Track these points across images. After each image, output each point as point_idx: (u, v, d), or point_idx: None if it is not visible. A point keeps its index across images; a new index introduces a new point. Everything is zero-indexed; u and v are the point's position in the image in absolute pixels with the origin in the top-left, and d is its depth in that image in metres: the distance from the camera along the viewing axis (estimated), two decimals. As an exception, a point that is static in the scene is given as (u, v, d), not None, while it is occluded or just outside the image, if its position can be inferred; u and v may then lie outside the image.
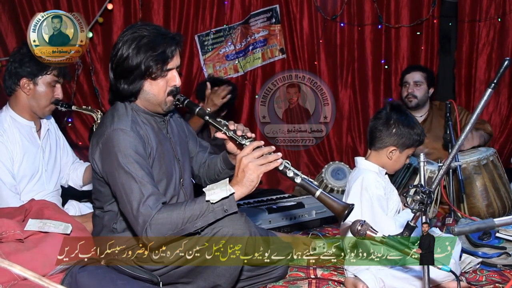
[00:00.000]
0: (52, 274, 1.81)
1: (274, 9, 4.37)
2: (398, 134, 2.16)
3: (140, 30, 1.87)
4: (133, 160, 1.78)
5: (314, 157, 4.48)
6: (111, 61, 1.91)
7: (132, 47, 1.84)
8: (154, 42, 1.85)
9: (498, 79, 1.49)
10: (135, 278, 1.80)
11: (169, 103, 1.95)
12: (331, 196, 1.79)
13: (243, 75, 4.36)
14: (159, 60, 1.85)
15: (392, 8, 4.33)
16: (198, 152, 2.24)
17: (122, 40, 1.87)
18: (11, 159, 2.37)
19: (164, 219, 1.73)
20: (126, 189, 1.77)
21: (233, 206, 1.78)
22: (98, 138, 1.87)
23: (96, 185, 1.98)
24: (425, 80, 3.63)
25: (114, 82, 1.92)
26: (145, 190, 1.76)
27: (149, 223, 1.72)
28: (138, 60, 1.83)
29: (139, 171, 1.78)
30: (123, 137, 1.81)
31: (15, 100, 2.45)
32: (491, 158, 3.10)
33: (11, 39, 3.67)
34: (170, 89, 1.93)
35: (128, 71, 1.86)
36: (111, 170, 1.80)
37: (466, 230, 1.60)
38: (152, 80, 1.89)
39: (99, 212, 2.02)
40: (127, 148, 1.79)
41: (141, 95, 1.92)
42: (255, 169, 1.77)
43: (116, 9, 3.97)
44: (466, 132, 1.54)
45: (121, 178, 1.78)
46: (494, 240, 2.47)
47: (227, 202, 1.76)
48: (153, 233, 1.72)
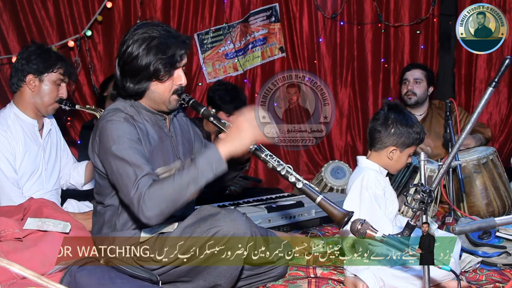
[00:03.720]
0: (51, 273, 1.80)
1: (274, 8, 4.36)
2: (397, 134, 2.15)
3: (151, 30, 1.86)
4: (126, 146, 1.78)
5: (313, 156, 4.47)
6: (118, 58, 1.91)
7: (142, 47, 1.83)
8: (165, 45, 1.84)
9: (499, 78, 1.48)
10: (134, 277, 1.79)
11: (173, 101, 1.95)
12: (332, 202, 1.78)
13: (243, 73, 4.36)
14: (167, 64, 1.85)
15: (392, 7, 4.34)
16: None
17: (132, 38, 1.85)
18: (13, 154, 2.38)
19: (156, 191, 1.71)
20: (121, 174, 1.76)
21: (221, 163, 1.74)
22: (95, 131, 1.89)
23: (97, 179, 1.99)
24: (425, 78, 3.63)
25: (120, 79, 1.91)
26: (139, 172, 1.74)
27: (143, 199, 1.70)
28: (147, 61, 1.83)
29: (132, 155, 1.77)
30: (116, 126, 1.81)
31: (20, 96, 2.46)
32: (491, 157, 3.09)
33: (13, 38, 3.69)
34: (175, 88, 1.93)
35: (135, 71, 1.85)
36: (107, 158, 1.81)
37: (467, 229, 1.59)
38: (159, 82, 1.89)
39: (100, 208, 2.02)
40: (120, 135, 1.79)
41: (146, 94, 1.92)
42: (251, 130, 1.77)
43: (116, 8, 3.97)
44: (467, 130, 1.53)
45: (116, 164, 1.78)
46: (494, 239, 2.46)
47: (215, 160, 1.73)
48: (149, 209, 1.70)
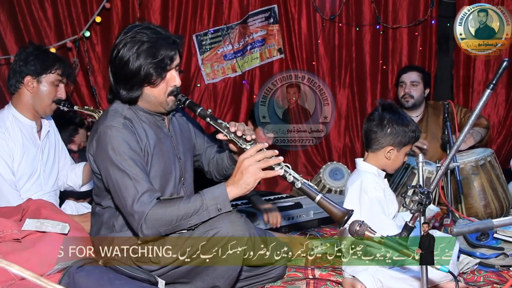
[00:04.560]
0: (50, 274, 1.80)
1: (273, 9, 4.37)
2: (394, 134, 2.16)
3: (140, 34, 1.84)
4: (126, 157, 1.79)
5: (311, 157, 4.48)
6: (110, 64, 1.90)
7: (132, 51, 1.82)
8: (154, 48, 1.83)
9: (497, 80, 1.48)
10: (133, 278, 1.79)
11: (170, 102, 1.95)
12: (331, 201, 1.78)
13: (241, 75, 4.36)
14: (158, 67, 1.84)
15: (390, 9, 4.34)
16: (207, 148, 2.24)
17: (122, 43, 1.84)
18: (11, 156, 2.37)
19: (159, 215, 1.74)
20: (120, 186, 1.78)
21: (226, 205, 1.78)
22: (93, 134, 1.89)
23: (95, 180, 2.00)
24: (422, 80, 3.64)
25: (114, 85, 1.92)
26: (140, 187, 1.76)
27: (144, 219, 1.73)
28: (138, 66, 1.82)
29: (133, 168, 1.78)
30: (115, 134, 1.81)
31: (18, 98, 2.45)
32: (489, 159, 3.10)
33: (10, 38, 3.68)
34: (170, 89, 1.93)
35: (127, 77, 1.85)
36: (105, 166, 1.81)
37: (465, 231, 1.60)
38: (152, 86, 1.88)
39: (99, 209, 2.02)
40: (120, 144, 1.80)
41: (141, 98, 1.92)
42: (254, 173, 1.77)
43: (114, 8, 3.97)
44: (465, 133, 1.52)
45: (115, 175, 1.78)
46: (492, 240, 2.47)
47: (221, 201, 1.77)
48: (148, 229, 1.75)
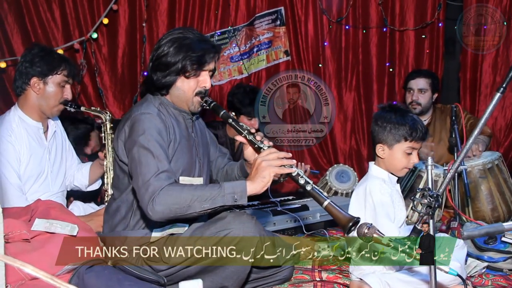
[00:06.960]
0: (59, 274, 1.81)
1: (279, 11, 4.37)
2: (381, 131, 2.16)
3: (186, 32, 2.01)
4: (154, 140, 1.86)
5: (318, 159, 4.48)
6: (152, 54, 2.03)
7: (174, 45, 1.96)
8: (195, 45, 1.97)
9: (507, 84, 1.48)
10: (142, 279, 1.80)
11: (196, 103, 2.03)
12: (338, 207, 1.79)
13: (248, 77, 4.37)
14: (195, 62, 1.96)
15: (397, 11, 4.34)
16: (218, 157, 2.29)
17: (167, 38, 2.00)
18: (18, 159, 2.37)
19: (174, 191, 1.77)
20: (142, 163, 1.82)
21: (243, 197, 1.81)
22: (125, 121, 1.96)
23: (117, 171, 2.05)
24: (430, 86, 3.59)
25: (150, 73, 2.03)
26: (161, 166, 1.82)
27: (158, 193, 1.75)
28: (177, 58, 1.95)
29: (158, 149, 1.85)
30: (149, 119, 1.90)
31: (25, 99, 2.46)
32: (496, 162, 3.09)
33: (17, 39, 3.69)
34: (199, 89, 2.02)
35: (165, 65, 1.97)
36: (132, 146, 1.87)
37: (475, 234, 1.60)
38: (185, 78, 1.99)
39: (115, 205, 2.04)
40: (151, 128, 1.88)
41: (172, 90, 2.01)
42: (268, 167, 1.83)
43: (121, 10, 3.98)
44: (475, 136, 1.53)
45: (139, 153, 1.84)
46: (499, 244, 2.46)
47: (239, 192, 1.80)
48: (160, 204, 1.75)
